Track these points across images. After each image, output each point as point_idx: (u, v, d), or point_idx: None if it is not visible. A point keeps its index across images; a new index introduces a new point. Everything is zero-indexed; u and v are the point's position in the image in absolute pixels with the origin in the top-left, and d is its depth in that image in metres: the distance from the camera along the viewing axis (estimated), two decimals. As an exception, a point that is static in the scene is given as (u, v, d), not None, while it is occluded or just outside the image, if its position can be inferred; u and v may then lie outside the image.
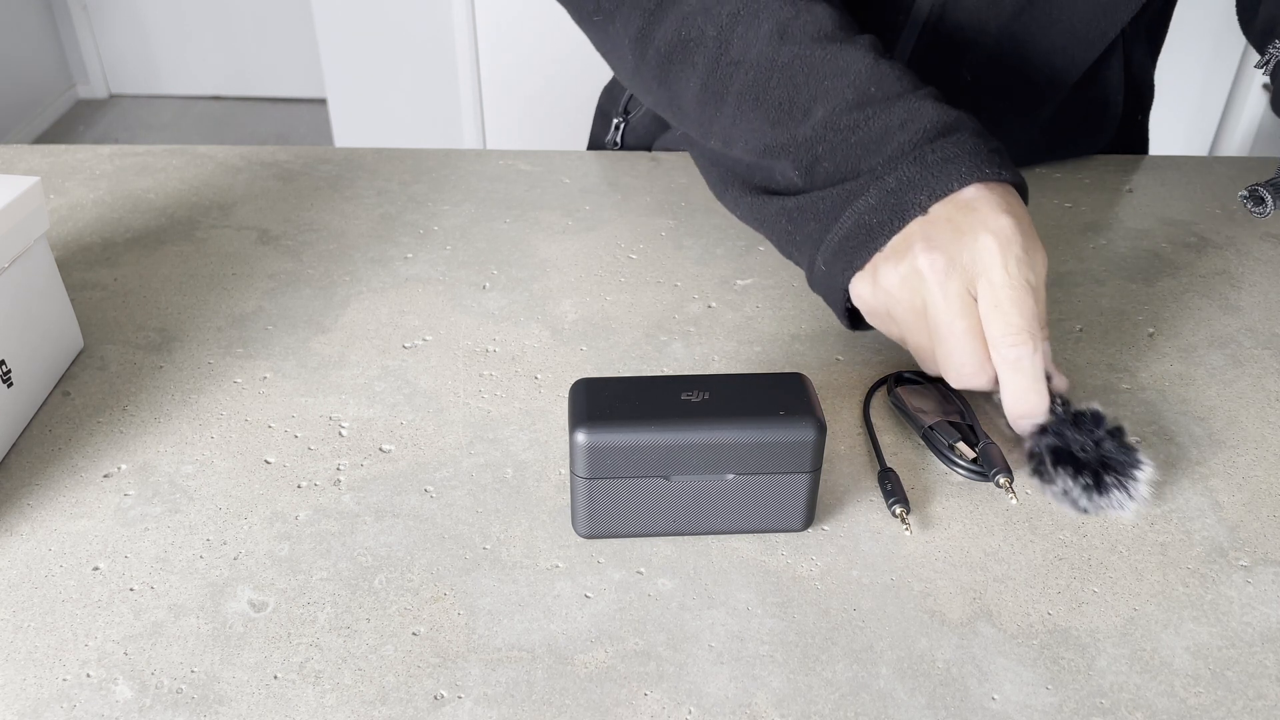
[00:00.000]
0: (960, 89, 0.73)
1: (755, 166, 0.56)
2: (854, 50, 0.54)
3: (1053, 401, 0.52)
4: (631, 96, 0.88)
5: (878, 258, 0.50)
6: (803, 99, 0.53)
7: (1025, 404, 0.50)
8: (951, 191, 0.49)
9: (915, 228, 0.49)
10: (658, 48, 0.58)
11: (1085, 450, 0.50)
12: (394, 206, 0.77)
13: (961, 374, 0.50)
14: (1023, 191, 0.53)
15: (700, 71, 0.56)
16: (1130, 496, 0.49)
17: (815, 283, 0.55)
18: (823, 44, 0.54)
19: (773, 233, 0.57)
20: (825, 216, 0.52)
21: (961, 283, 0.48)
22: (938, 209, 0.49)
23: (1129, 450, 0.50)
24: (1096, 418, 0.51)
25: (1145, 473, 0.50)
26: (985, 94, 0.74)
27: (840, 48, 0.53)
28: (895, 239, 0.50)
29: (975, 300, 0.49)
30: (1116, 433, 0.51)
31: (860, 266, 0.51)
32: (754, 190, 0.57)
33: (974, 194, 0.49)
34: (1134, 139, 0.88)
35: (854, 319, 0.56)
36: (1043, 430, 0.51)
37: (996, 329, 0.48)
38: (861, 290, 0.52)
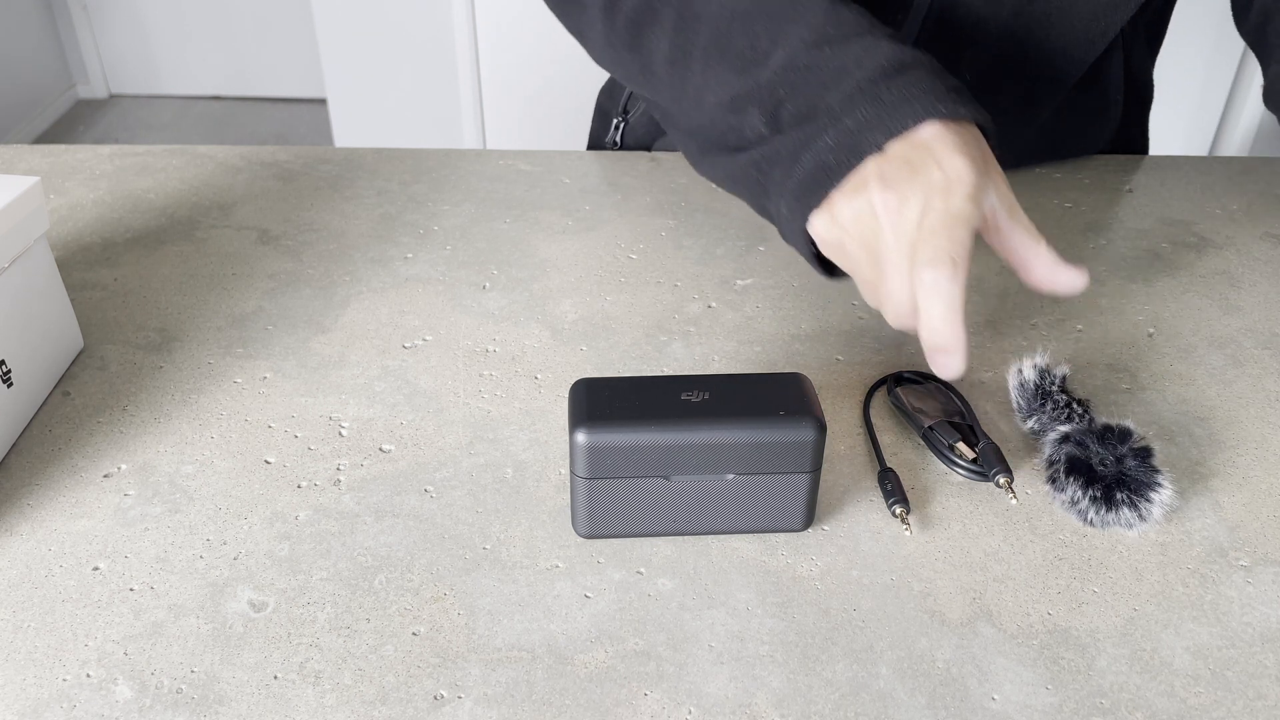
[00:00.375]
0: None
1: (728, 128, 0.57)
2: None
3: (1074, 409, 0.53)
4: (630, 95, 0.88)
5: (835, 194, 0.51)
6: (763, 44, 0.54)
7: (938, 335, 0.48)
8: (907, 129, 0.49)
9: (871, 166, 0.50)
10: (625, 14, 0.59)
11: (1104, 465, 0.50)
12: (394, 206, 0.77)
13: (899, 313, 0.50)
14: (986, 130, 0.53)
15: (668, 30, 0.58)
16: (1141, 517, 0.49)
17: (784, 231, 0.55)
18: None
19: (746, 189, 0.57)
20: (788, 160, 0.53)
21: (911, 220, 0.49)
22: (894, 148, 0.49)
23: (1151, 471, 0.50)
24: (1124, 434, 0.51)
25: (1162, 495, 0.49)
26: (985, 93, 0.74)
27: None
28: (852, 177, 0.50)
29: None
30: (1143, 452, 0.50)
31: (818, 204, 0.52)
32: (728, 150, 0.57)
33: (931, 133, 0.49)
34: (1134, 138, 0.88)
35: (826, 267, 0.56)
36: (1065, 438, 0.51)
37: (921, 253, 0.48)
38: (819, 227, 0.52)
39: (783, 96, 0.53)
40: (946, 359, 0.49)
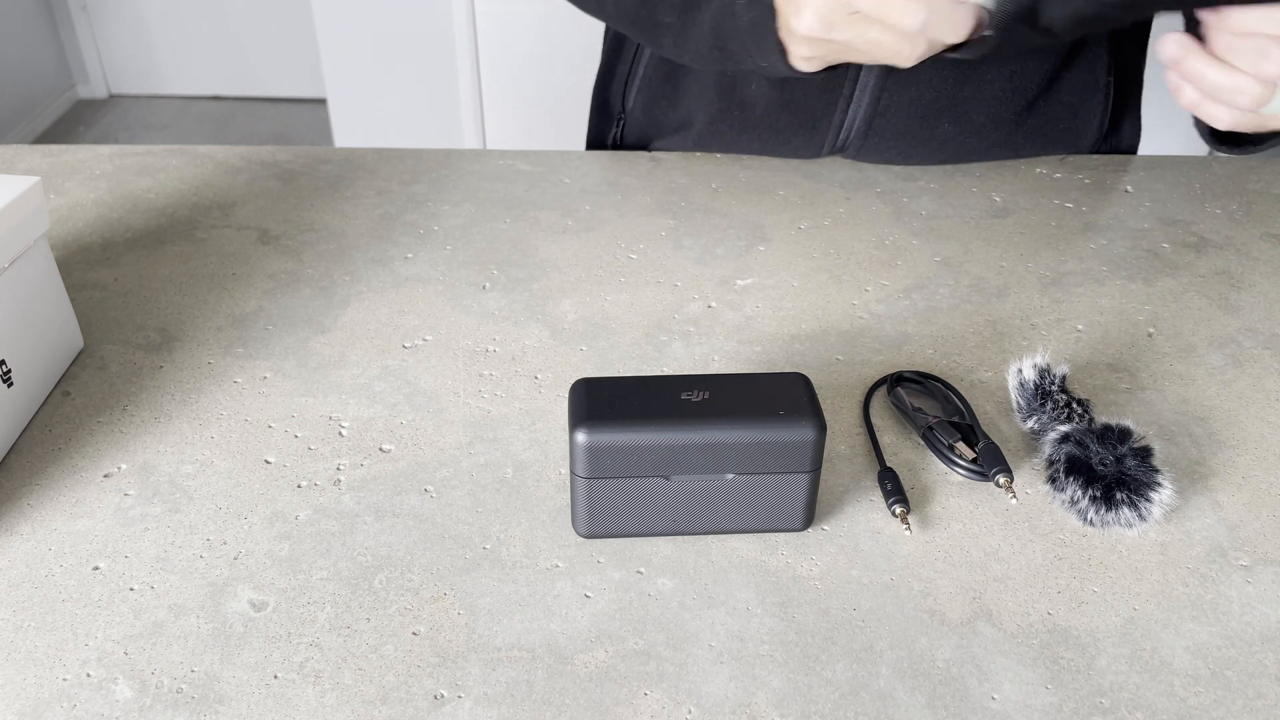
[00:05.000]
0: (944, 61, 0.74)
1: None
2: None
3: (1074, 409, 0.54)
4: (633, 90, 0.88)
5: None
6: None
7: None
8: None
9: None
10: None
11: (1104, 464, 0.50)
12: (394, 206, 0.77)
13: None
14: None
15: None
16: (1141, 517, 0.49)
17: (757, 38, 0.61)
18: None
19: (731, 29, 0.64)
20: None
21: None
22: None
23: (1151, 470, 0.50)
24: (1124, 434, 0.51)
25: (1162, 495, 0.49)
26: (969, 65, 0.75)
27: None
28: None
29: None
30: (1143, 452, 0.50)
31: None
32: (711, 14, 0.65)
33: None
34: (1127, 124, 0.88)
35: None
36: (1065, 438, 0.51)
37: None
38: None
39: None
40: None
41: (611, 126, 0.90)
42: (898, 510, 0.50)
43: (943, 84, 0.76)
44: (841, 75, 0.75)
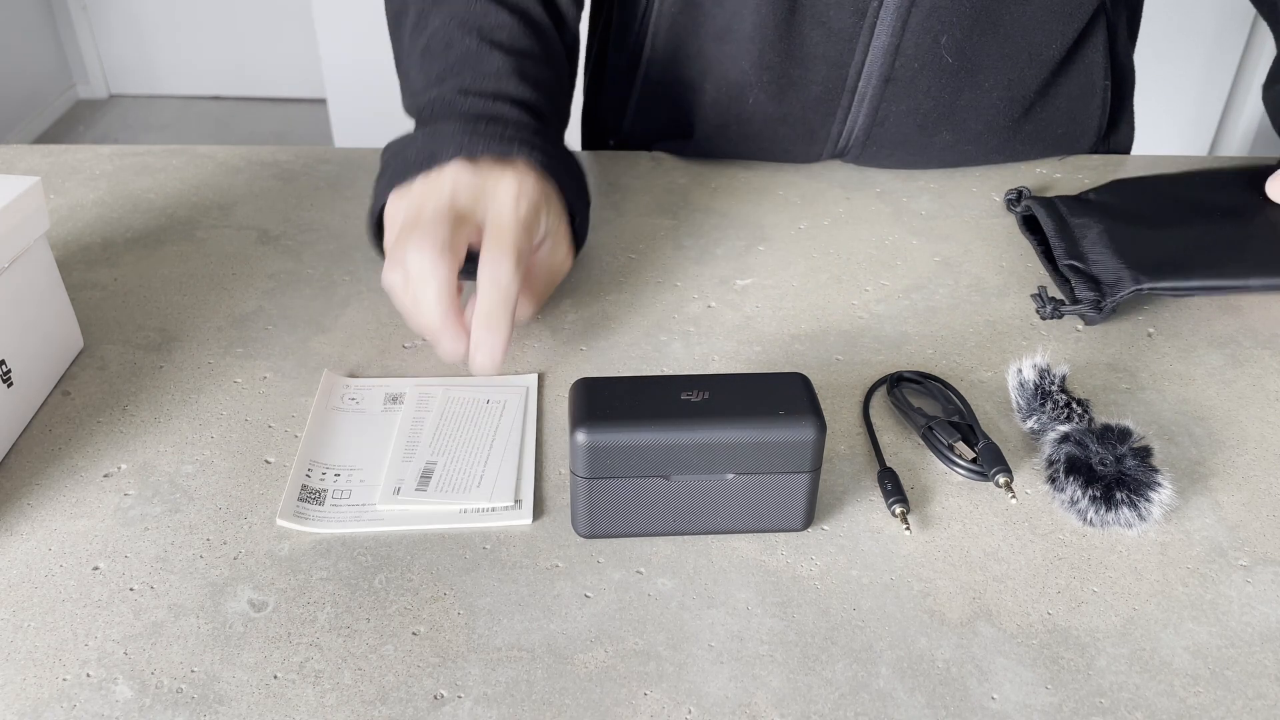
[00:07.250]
0: (942, 70, 0.74)
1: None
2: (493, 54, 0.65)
3: (1074, 409, 0.54)
4: (624, 110, 0.87)
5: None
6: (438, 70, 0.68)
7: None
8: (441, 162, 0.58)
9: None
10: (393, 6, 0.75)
11: (1104, 464, 0.50)
12: (394, 206, 0.76)
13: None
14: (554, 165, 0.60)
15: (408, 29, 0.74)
16: (1141, 517, 0.49)
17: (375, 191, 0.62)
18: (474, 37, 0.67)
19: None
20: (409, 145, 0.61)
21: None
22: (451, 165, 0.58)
23: (1151, 470, 0.50)
24: (1124, 434, 0.51)
25: (1161, 495, 0.49)
26: (967, 75, 0.75)
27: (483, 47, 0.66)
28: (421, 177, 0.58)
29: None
30: (1143, 452, 0.50)
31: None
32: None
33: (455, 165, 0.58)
34: (1123, 126, 0.88)
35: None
36: (1065, 438, 0.51)
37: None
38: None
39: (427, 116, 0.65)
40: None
41: (604, 145, 0.90)
42: (898, 510, 0.50)
43: (941, 94, 0.76)
44: (839, 87, 0.76)
